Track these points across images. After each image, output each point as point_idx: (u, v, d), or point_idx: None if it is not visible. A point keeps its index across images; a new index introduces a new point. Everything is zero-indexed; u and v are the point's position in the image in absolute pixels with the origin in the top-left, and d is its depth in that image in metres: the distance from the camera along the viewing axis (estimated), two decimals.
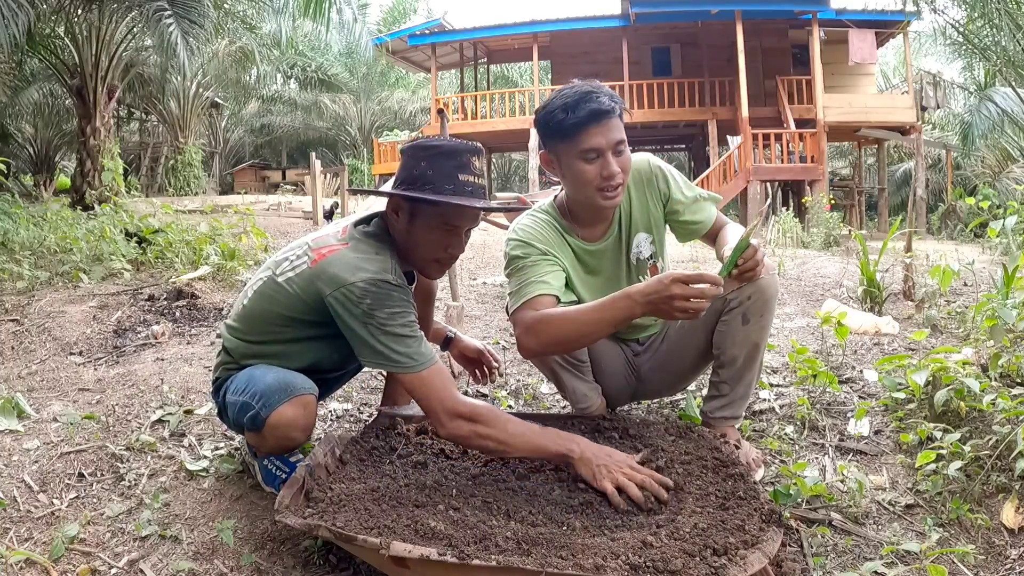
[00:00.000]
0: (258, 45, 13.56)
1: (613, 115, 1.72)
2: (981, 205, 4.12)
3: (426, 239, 1.69)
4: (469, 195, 1.64)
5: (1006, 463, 1.75)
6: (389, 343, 1.58)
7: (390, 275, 1.61)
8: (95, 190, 9.39)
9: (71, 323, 3.50)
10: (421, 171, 1.64)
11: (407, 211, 1.69)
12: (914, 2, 11.38)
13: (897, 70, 20.85)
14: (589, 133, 1.72)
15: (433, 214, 1.66)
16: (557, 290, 1.80)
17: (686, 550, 1.30)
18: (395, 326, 1.58)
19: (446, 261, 1.75)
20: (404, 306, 1.61)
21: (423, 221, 1.68)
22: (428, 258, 1.73)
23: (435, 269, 1.78)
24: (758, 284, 1.81)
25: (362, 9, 10.99)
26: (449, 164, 1.64)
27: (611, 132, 1.72)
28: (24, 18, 7.10)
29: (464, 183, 1.64)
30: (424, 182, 1.63)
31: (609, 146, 1.73)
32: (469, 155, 1.66)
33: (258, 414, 1.62)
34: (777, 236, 8.44)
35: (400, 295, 1.62)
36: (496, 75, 21.73)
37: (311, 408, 1.68)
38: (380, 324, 1.58)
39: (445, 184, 1.62)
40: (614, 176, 1.74)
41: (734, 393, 1.95)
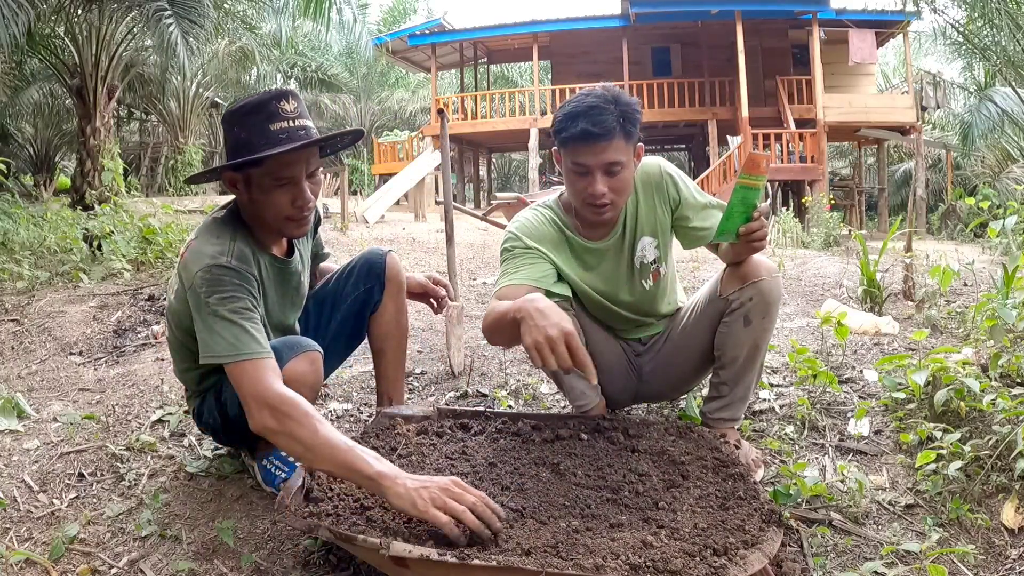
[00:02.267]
0: (258, 45, 13.57)
1: (608, 138, 1.70)
2: (981, 205, 4.11)
3: (268, 201, 1.63)
4: (285, 141, 1.56)
5: (1006, 463, 1.75)
6: (217, 329, 1.51)
7: (225, 258, 1.56)
8: (95, 190, 9.39)
9: (71, 323, 3.50)
10: (235, 137, 1.60)
11: (242, 181, 1.64)
12: (914, 2, 11.39)
13: (897, 70, 20.86)
14: (579, 150, 1.73)
15: (262, 175, 1.60)
16: (534, 280, 1.82)
17: (686, 550, 1.30)
18: (225, 311, 1.52)
19: (297, 216, 1.66)
20: (236, 291, 1.55)
21: (257, 185, 1.62)
22: (279, 218, 1.65)
23: (292, 227, 1.68)
24: (759, 286, 1.81)
25: (362, 9, 11.00)
26: (257, 119, 1.57)
27: (603, 154, 1.72)
28: (24, 18, 7.11)
29: (277, 132, 1.57)
30: (241, 146, 1.58)
31: (599, 166, 1.73)
32: (275, 102, 1.58)
33: None
34: (777, 236, 8.44)
35: (232, 279, 1.55)
36: (496, 75, 21.74)
37: (318, 365, 1.67)
38: (212, 311, 1.52)
39: (259, 140, 1.56)
40: (597, 196, 1.76)
41: (733, 394, 1.95)
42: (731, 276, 1.87)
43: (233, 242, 1.62)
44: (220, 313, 1.52)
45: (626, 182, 1.79)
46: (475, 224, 8.86)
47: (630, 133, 1.74)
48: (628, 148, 1.75)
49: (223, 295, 1.54)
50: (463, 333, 2.87)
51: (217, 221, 1.69)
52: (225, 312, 1.52)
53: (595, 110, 1.71)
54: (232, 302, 1.54)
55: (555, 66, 17.56)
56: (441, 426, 1.91)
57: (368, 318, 2.02)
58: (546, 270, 1.88)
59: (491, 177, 22.13)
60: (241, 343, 1.50)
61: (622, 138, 1.72)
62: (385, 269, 1.99)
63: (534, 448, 1.76)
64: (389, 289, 2.01)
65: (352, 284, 2.00)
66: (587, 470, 1.66)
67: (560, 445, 1.78)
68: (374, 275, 1.99)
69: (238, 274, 1.57)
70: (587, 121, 1.70)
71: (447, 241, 3.01)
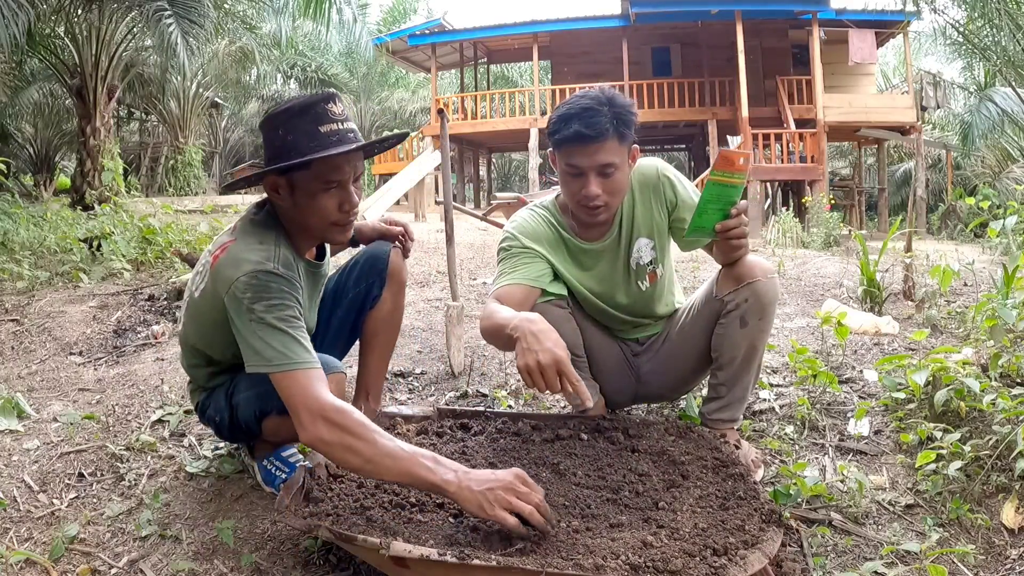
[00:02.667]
0: (258, 45, 13.57)
1: (600, 139, 1.70)
2: (981, 205, 4.12)
3: (313, 206, 1.58)
4: (335, 144, 1.53)
5: (1006, 463, 1.75)
6: (263, 336, 1.47)
7: (271, 264, 1.52)
8: (95, 190, 9.39)
9: (71, 323, 3.50)
10: (281, 140, 1.54)
11: (285, 186, 1.59)
12: (914, 2, 11.39)
13: (897, 70, 20.86)
14: (572, 151, 1.74)
15: (309, 178, 1.56)
16: (530, 280, 1.85)
17: (686, 550, 1.30)
18: (272, 319, 1.48)
19: (344, 220, 1.62)
20: (284, 298, 1.51)
21: (303, 189, 1.57)
22: (325, 224, 1.61)
23: (337, 232, 1.65)
24: (755, 287, 1.81)
25: (362, 9, 11.00)
26: (305, 121, 1.53)
27: (595, 155, 1.72)
28: (24, 18, 7.11)
29: (327, 135, 1.53)
30: (288, 149, 1.53)
31: (592, 168, 1.74)
32: (323, 104, 1.55)
33: None
34: (777, 236, 8.44)
35: (280, 286, 1.51)
36: (496, 75, 21.73)
37: (343, 387, 1.65)
38: (258, 318, 1.48)
39: (309, 143, 1.52)
40: (590, 198, 1.76)
41: (731, 395, 1.95)
42: (726, 277, 1.87)
43: (277, 248, 1.58)
44: (268, 321, 1.48)
45: (620, 183, 1.79)
46: (475, 224, 8.86)
47: (624, 135, 1.74)
48: (622, 149, 1.75)
49: (271, 302, 1.49)
50: (463, 333, 2.86)
51: (255, 224, 1.64)
52: (273, 320, 1.48)
53: (588, 112, 1.71)
54: (280, 310, 1.50)
55: (555, 66, 17.55)
56: (441, 426, 1.91)
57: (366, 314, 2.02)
58: (543, 269, 1.88)
59: (491, 177, 22.13)
60: (292, 352, 1.47)
61: (615, 139, 1.72)
62: (388, 265, 1.98)
63: (534, 448, 1.76)
64: (390, 286, 2.00)
65: (354, 280, 1.99)
66: (587, 470, 1.66)
67: (560, 445, 1.78)
68: (376, 271, 1.98)
69: (286, 281, 1.53)
70: (580, 123, 1.70)
71: (447, 241, 3.00)
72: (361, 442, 1.38)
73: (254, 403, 1.67)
